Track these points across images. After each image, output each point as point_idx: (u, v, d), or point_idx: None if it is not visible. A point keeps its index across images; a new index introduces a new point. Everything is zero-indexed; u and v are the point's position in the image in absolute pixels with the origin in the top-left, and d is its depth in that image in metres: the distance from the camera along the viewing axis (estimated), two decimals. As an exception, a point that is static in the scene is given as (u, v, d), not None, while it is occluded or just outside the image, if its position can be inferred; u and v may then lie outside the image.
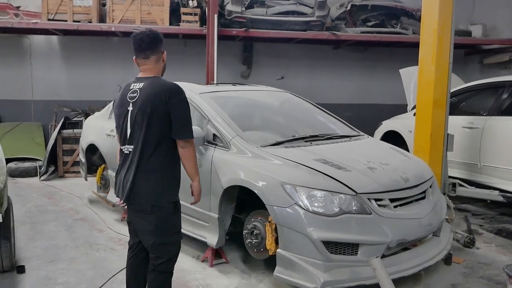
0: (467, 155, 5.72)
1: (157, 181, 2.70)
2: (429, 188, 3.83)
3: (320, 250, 3.11)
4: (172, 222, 2.79)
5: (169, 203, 2.74)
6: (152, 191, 2.69)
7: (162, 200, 2.72)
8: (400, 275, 3.28)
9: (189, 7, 8.22)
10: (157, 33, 2.78)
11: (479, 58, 10.43)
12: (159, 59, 2.78)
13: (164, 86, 2.68)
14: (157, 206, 2.70)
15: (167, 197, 2.73)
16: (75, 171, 7.54)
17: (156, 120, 2.64)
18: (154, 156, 2.68)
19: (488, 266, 4.06)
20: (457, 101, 6.20)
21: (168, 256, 2.78)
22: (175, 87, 2.70)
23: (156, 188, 2.70)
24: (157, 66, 2.79)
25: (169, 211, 2.74)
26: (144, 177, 2.68)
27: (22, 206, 5.76)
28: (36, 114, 8.86)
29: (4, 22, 7.74)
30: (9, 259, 3.69)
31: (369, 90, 10.41)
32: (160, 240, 2.75)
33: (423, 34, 4.91)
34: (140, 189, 2.69)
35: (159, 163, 2.69)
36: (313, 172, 3.43)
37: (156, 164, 2.68)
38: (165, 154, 2.70)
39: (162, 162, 2.70)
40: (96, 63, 9.06)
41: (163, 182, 2.72)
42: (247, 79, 9.69)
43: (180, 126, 2.69)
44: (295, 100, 5.22)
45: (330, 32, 8.74)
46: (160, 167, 2.69)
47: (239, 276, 3.79)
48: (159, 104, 2.62)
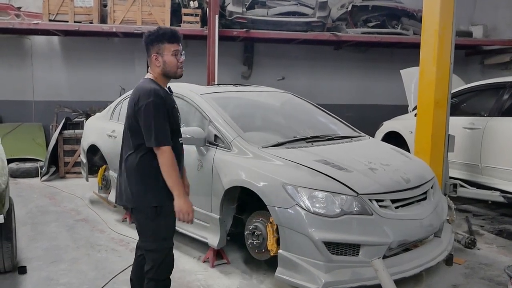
0: (468, 156, 5.72)
1: (135, 182, 2.69)
2: (430, 189, 3.83)
3: (321, 251, 3.11)
4: (152, 228, 2.70)
5: (148, 207, 2.67)
6: (131, 192, 2.70)
7: (140, 202, 2.69)
8: (401, 275, 3.28)
9: (190, 7, 8.22)
10: (146, 35, 2.75)
11: (480, 58, 10.42)
12: (151, 61, 2.75)
13: (138, 89, 2.68)
14: (136, 208, 2.73)
15: (146, 200, 2.67)
16: (76, 172, 7.54)
17: (131, 123, 2.70)
18: (131, 157, 2.71)
19: (489, 267, 4.06)
20: (458, 101, 6.20)
21: (153, 263, 2.72)
22: (145, 91, 2.64)
23: (134, 190, 2.69)
24: (152, 68, 2.77)
25: (149, 216, 2.68)
26: (125, 177, 2.75)
27: (23, 206, 5.77)
28: (37, 115, 8.87)
29: (5, 22, 7.75)
30: (10, 260, 3.70)
31: (370, 90, 10.40)
32: (144, 245, 2.77)
33: (424, 35, 4.91)
34: (123, 189, 2.77)
35: (135, 164, 2.68)
36: (314, 173, 3.44)
37: (133, 165, 2.69)
38: (142, 156, 2.67)
39: (139, 163, 2.67)
40: (97, 63, 9.07)
41: (142, 184, 2.68)
42: (248, 80, 9.69)
43: (145, 132, 2.63)
44: (296, 101, 5.22)
45: (331, 33, 8.74)
46: (137, 168, 2.68)
47: (240, 276, 3.80)
48: (131, 108, 2.68)
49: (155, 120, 2.60)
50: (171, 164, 2.63)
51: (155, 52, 2.72)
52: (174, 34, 2.74)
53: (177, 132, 2.82)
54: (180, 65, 2.77)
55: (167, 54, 2.71)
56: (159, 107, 2.62)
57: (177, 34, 2.77)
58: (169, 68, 2.73)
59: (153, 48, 2.72)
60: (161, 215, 2.68)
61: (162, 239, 2.72)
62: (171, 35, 2.73)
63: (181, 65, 2.77)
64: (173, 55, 2.72)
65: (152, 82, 2.72)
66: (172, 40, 2.73)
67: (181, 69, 2.78)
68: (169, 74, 2.76)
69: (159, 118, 2.61)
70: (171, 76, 2.77)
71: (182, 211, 2.65)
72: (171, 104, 2.77)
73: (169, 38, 2.72)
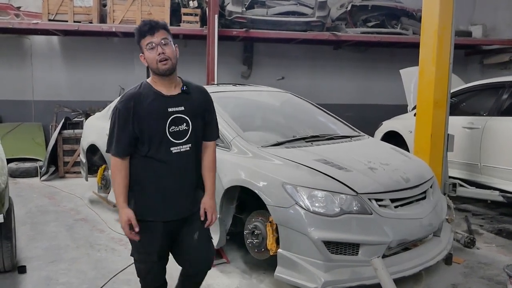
0: (468, 156, 5.72)
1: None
2: (429, 188, 3.83)
3: (321, 250, 3.12)
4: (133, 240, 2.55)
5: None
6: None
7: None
8: (401, 275, 3.28)
9: (189, 7, 8.22)
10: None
11: (479, 58, 10.43)
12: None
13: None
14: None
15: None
16: (75, 172, 7.54)
17: None
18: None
19: (489, 266, 4.06)
20: (458, 101, 6.21)
21: (137, 273, 2.71)
22: (122, 95, 2.52)
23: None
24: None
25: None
26: None
27: (23, 206, 5.76)
28: (36, 115, 8.86)
29: (5, 22, 7.75)
30: (10, 260, 3.69)
31: (370, 90, 10.41)
32: (131, 253, 2.70)
33: (423, 35, 4.92)
34: None
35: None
36: (314, 172, 3.44)
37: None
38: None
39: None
40: (97, 63, 9.07)
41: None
42: (247, 80, 9.70)
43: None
44: (296, 101, 5.22)
45: (330, 33, 8.75)
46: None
47: (240, 276, 3.80)
48: None
49: (112, 127, 2.47)
50: (114, 174, 2.46)
51: (140, 51, 2.49)
52: (144, 25, 2.42)
53: (157, 141, 2.45)
54: (158, 58, 2.40)
55: (145, 51, 2.44)
56: (120, 114, 2.42)
57: (149, 24, 2.42)
58: (151, 65, 2.45)
59: (139, 48, 2.49)
60: (140, 230, 2.48)
61: (144, 252, 2.58)
62: (141, 28, 2.43)
63: (160, 58, 2.40)
64: (148, 50, 2.42)
65: (142, 84, 2.52)
66: (144, 34, 2.42)
67: (162, 62, 2.40)
68: (156, 72, 2.45)
69: (115, 126, 2.45)
70: (158, 73, 2.45)
71: (120, 223, 2.48)
72: (155, 109, 2.44)
73: (140, 33, 2.43)
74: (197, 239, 2.63)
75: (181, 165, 2.52)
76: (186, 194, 2.57)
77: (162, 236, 2.54)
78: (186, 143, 2.51)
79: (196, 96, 2.60)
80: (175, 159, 2.49)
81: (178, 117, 2.49)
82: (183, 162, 2.52)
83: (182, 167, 2.52)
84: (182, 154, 2.51)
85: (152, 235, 2.52)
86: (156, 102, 2.45)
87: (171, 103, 2.48)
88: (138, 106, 2.42)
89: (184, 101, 2.52)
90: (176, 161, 2.49)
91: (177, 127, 2.48)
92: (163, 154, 2.46)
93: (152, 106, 2.44)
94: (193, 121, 2.52)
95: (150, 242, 2.53)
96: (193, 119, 2.52)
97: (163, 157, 2.46)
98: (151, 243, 2.54)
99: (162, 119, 2.45)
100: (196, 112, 2.56)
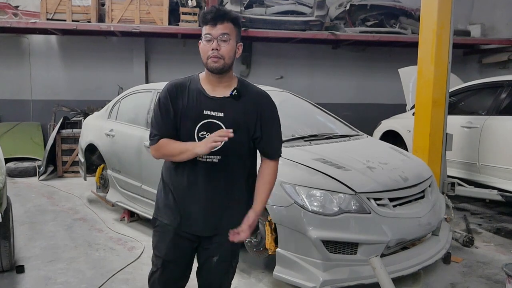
0: (466, 155, 5.73)
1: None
2: (428, 187, 3.84)
3: (319, 250, 3.12)
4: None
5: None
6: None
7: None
8: (399, 274, 3.29)
9: (188, 6, 8.22)
10: None
11: (477, 58, 10.44)
12: None
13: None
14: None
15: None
16: (74, 171, 7.54)
17: None
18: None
19: (487, 265, 4.07)
20: (456, 100, 6.21)
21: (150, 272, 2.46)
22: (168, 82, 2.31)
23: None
24: None
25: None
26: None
27: (21, 206, 5.76)
28: (35, 114, 8.84)
29: (3, 21, 7.72)
30: (8, 259, 3.69)
31: (368, 89, 10.41)
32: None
33: (422, 34, 4.92)
34: None
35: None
36: (312, 171, 3.44)
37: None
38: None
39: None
40: (95, 63, 9.05)
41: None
42: (246, 79, 9.67)
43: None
44: (294, 100, 5.22)
45: (329, 32, 8.74)
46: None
47: (238, 275, 3.79)
48: None
49: (153, 117, 2.23)
50: (165, 147, 2.16)
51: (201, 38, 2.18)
52: (209, 12, 2.11)
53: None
54: (210, 53, 2.09)
55: (202, 40, 2.14)
56: (161, 104, 2.18)
57: (215, 12, 2.10)
58: (202, 58, 2.14)
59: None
60: (155, 227, 2.37)
61: (155, 254, 2.39)
62: (204, 14, 2.12)
63: (213, 54, 2.09)
64: (205, 41, 2.12)
65: (192, 77, 2.26)
66: (205, 21, 2.11)
67: (212, 59, 2.09)
68: (206, 67, 2.16)
69: (156, 116, 2.20)
70: (208, 69, 2.15)
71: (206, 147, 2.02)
72: (190, 109, 2.15)
73: (203, 19, 2.12)
74: (216, 263, 2.34)
75: (208, 178, 2.18)
76: (210, 213, 2.24)
77: (171, 244, 2.29)
78: (214, 154, 2.14)
79: (249, 103, 2.20)
80: (200, 170, 2.18)
81: (212, 123, 2.13)
82: (210, 176, 2.18)
83: (208, 181, 2.19)
84: (208, 166, 2.17)
85: (161, 239, 2.33)
86: (194, 99, 2.16)
87: (210, 105, 2.15)
88: (178, 99, 2.16)
89: (226, 107, 2.15)
90: (201, 173, 2.18)
91: (208, 134, 2.10)
92: (187, 162, 2.15)
93: (189, 102, 2.16)
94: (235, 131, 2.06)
95: (158, 244, 2.35)
96: (232, 129, 2.05)
97: (188, 164, 2.16)
98: (158, 246, 2.35)
99: (193, 121, 2.14)
100: (239, 122, 2.15)
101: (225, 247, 2.31)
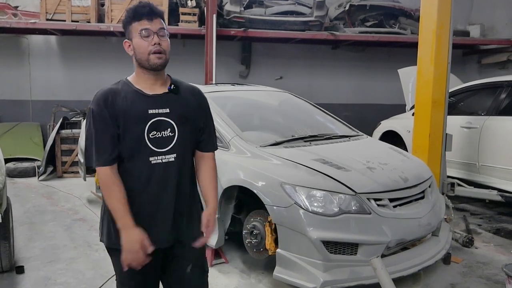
0: (466, 155, 5.73)
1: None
2: (428, 188, 3.83)
3: (319, 250, 3.12)
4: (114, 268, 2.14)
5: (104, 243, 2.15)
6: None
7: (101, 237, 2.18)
8: (399, 274, 3.29)
9: (187, 7, 8.22)
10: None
11: (477, 58, 10.46)
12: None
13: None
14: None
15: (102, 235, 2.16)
16: (73, 171, 7.53)
17: None
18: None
19: (487, 265, 4.07)
20: (456, 101, 6.21)
21: None
22: (95, 95, 2.06)
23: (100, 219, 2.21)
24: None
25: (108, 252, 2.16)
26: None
27: (21, 206, 5.75)
28: (34, 114, 8.83)
29: (3, 22, 7.72)
30: (8, 260, 3.69)
31: (368, 90, 10.42)
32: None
33: (421, 34, 4.92)
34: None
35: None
36: (312, 172, 3.44)
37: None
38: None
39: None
40: (95, 63, 9.05)
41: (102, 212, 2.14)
42: (245, 79, 9.69)
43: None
44: (294, 100, 5.22)
45: (328, 32, 8.75)
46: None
47: (238, 276, 3.79)
48: None
49: (89, 134, 2.01)
50: (107, 189, 1.97)
51: (127, 37, 2.05)
52: (140, 7, 2.01)
53: (135, 149, 2.00)
54: (152, 48, 1.98)
55: (135, 37, 2.00)
56: (96, 115, 1.98)
57: (147, 6, 2.00)
58: (139, 55, 2.01)
59: (126, 33, 2.05)
60: (112, 256, 2.13)
61: (121, 283, 2.16)
62: (137, 9, 2.00)
63: (156, 49, 1.98)
64: (141, 37, 1.98)
65: (120, 82, 2.10)
66: (139, 16, 1.99)
67: (156, 55, 1.98)
68: (143, 65, 2.02)
69: (92, 131, 1.99)
70: (146, 67, 2.02)
71: (127, 249, 1.92)
72: (133, 111, 2.00)
73: (135, 14, 2.00)
74: (190, 272, 2.16)
75: (163, 180, 2.03)
76: (168, 218, 2.06)
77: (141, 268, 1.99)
78: (170, 153, 2.03)
79: (187, 97, 2.14)
80: (155, 172, 2.02)
81: (160, 121, 2.02)
82: (165, 177, 2.03)
83: (164, 182, 2.04)
84: (163, 166, 2.03)
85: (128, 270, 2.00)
86: (134, 102, 2.01)
87: (153, 103, 2.03)
88: (113, 106, 1.98)
89: (170, 102, 2.06)
90: (156, 175, 2.02)
91: (159, 133, 2.02)
92: (140, 165, 2.01)
93: (128, 106, 1.99)
94: (180, 126, 2.06)
95: (127, 274, 2.04)
96: (180, 124, 2.05)
97: (140, 169, 2.01)
98: (128, 276, 2.06)
99: (140, 123, 2.00)
100: (186, 116, 2.09)
101: (197, 252, 2.16)
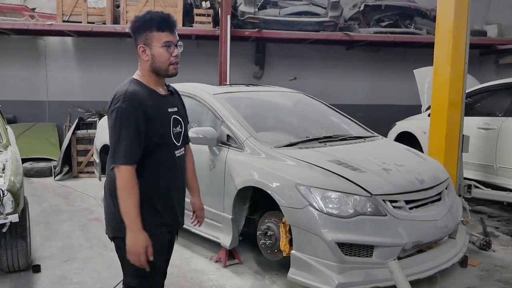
0: (483, 157, 5.65)
1: (107, 204, 2.27)
2: (444, 189, 3.79)
3: (334, 252, 3.10)
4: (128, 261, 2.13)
5: (114, 238, 2.24)
6: (106, 217, 2.28)
7: (109, 230, 2.27)
8: (416, 277, 3.25)
9: (202, 8, 8.25)
10: (132, 20, 2.24)
11: (494, 58, 10.31)
12: (138, 54, 2.25)
13: (115, 91, 2.19)
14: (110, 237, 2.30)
15: (111, 228, 2.25)
16: (89, 172, 7.60)
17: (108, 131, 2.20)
18: (111, 173, 2.19)
19: (505, 269, 4.00)
20: (472, 102, 6.13)
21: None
22: (117, 93, 2.15)
23: (107, 213, 2.28)
24: (140, 63, 2.27)
25: (121, 247, 2.17)
26: (103, 197, 2.34)
27: (37, 206, 5.82)
28: (50, 115, 8.95)
29: (20, 23, 7.84)
30: (25, 259, 3.73)
31: (383, 90, 10.34)
32: (125, 280, 2.30)
33: (438, 34, 4.86)
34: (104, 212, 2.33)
35: (107, 182, 2.25)
36: (327, 173, 3.42)
37: (111, 183, 2.19)
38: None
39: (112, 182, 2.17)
40: (110, 64, 9.12)
41: (111, 207, 2.21)
42: (259, 80, 9.69)
43: (110, 144, 2.16)
44: (309, 101, 5.20)
45: (343, 33, 8.71)
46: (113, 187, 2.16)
47: (252, 277, 3.79)
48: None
49: (119, 130, 2.08)
50: (126, 189, 2.07)
51: (142, 42, 2.19)
52: (164, 19, 2.17)
53: (164, 145, 2.23)
54: (173, 60, 2.20)
55: (156, 46, 2.17)
56: (129, 115, 2.08)
57: (170, 19, 2.19)
58: (158, 63, 2.19)
59: (140, 37, 2.19)
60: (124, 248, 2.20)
61: (142, 275, 2.18)
62: (161, 21, 2.16)
63: (174, 60, 2.21)
64: (163, 47, 2.17)
65: (134, 83, 2.21)
66: (163, 27, 2.16)
67: (174, 65, 2.22)
68: (160, 72, 2.22)
69: (124, 129, 2.07)
70: (161, 74, 2.23)
71: (131, 251, 2.07)
72: (160, 110, 2.21)
73: (158, 24, 2.15)
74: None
75: (182, 170, 2.37)
76: (182, 201, 2.42)
77: (167, 250, 2.39)
78: (182, 147, 2.37)
79: (178, 97, 2.47)
80: (178, 164, 2.32)
81: (176, 118, 2.31)
82: (182, 167, 2.38)
83: (181, 172, 2.37)
84: (181, 158, 2.36)
85: (159, 251, 2.21)
86: (157, 101, 2.21)
87: (167, 103, 2.29)
88: (145, 105, 2.14)
89: (175, 102, 2.38)
90: (179, 166, 2.34)
91: (175, 129, 2.30)
92: (169, 159, 2.26)
93: (155, 105, 2.19)
94: (184, 122, 2.40)
95: (157, 260, 2.18)
96: (184, 120, 2.40)
97: (170, 162, 2.27)
98: (159, 259, 2.22)
99: (166, 121, 2.25)
100: (184, 114, 2.44)
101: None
